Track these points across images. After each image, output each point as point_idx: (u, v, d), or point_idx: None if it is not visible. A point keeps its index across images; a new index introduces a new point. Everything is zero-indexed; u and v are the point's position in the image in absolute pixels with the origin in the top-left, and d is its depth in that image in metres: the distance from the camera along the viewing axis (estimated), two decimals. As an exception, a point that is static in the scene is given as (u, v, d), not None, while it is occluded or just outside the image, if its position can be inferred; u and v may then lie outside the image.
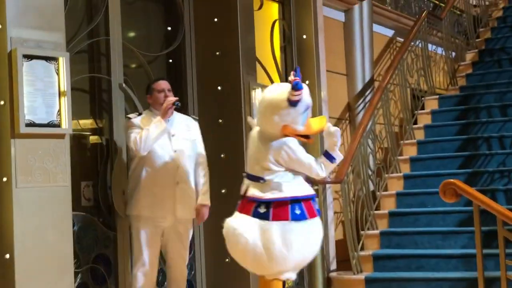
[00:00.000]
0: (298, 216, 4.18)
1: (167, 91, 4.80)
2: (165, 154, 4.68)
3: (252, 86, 5.67)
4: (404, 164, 7.32)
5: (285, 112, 4.08)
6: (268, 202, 4.18)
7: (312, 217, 4.24)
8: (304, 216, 4.20)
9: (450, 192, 4.65)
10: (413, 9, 9.13)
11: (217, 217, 5.56)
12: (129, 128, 4.66)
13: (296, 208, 4.19)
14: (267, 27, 6.44)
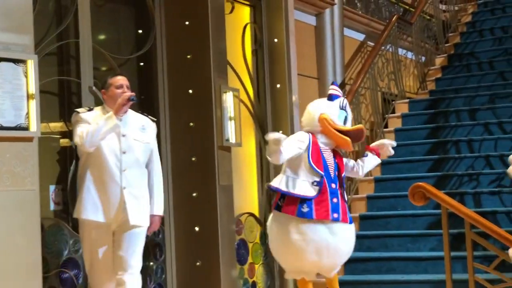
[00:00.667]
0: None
1: (126, 88, 4.39)
2: (111, 155, 4.25)
3: (223, 89, 5.67)
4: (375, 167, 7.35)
5: (323, 104, 4.54)
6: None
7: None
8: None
9: (419, 195, 4.70)
10: (384, 13, 9.20)
11: (188, 220, 5.58)
12: (77, 123, 4.27)
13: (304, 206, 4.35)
14: (239, 31, 6.45)
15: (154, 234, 5.47)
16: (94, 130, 4.16)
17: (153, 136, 4.57)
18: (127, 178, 4.29)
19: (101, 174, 4.26)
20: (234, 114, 5.74)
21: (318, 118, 4.50)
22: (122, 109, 4.25)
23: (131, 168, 4.32)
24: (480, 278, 4.60)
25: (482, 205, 6.39)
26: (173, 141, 5.68)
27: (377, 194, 6.99)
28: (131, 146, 4.34)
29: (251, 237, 6.30)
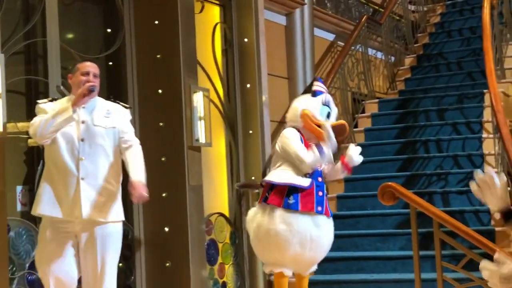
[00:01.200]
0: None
1: (92, 77, 4.04)
2: (68, 144, 3.91)
3: (193, 89, 5.65)
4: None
5: (306, 100, 4.72)
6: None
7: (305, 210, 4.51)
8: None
9: (389, 195, 4.72)
10: (354, 13, 9.24)
11: (157, 221, 5.55)
12: (37, 114, 3.95)
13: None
14: (208, 30, 6.43)
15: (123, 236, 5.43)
16: (46, 121, 3.82)
17: (123, 121, 4.20)
18: (85, 167, 3.92)
19: (57, 165, 3.92)
20: (204, 114, 5.72)
21: (300, 113, 4.65)
22: (81, 100, 3.92)
23: (91, 157, 3.95)
24: (448, 277, 4.64)
25: (450, 204, 6.45)
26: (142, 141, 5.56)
27: (347, 194, 7.02)
28: (92, 132, 3.97)
29: (221, 237, 6.28)
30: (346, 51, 7.81)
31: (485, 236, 4.63)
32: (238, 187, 6.33)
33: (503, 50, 8.26)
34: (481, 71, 8.01)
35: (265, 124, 6.66)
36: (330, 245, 4.69)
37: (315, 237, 4.51)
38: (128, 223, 5.49)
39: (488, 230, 5.93)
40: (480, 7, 8.16)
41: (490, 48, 7.18)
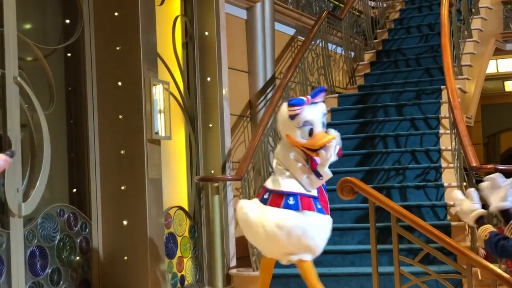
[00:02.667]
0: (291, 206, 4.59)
1: None
2: None
3: (153, 82, 5.61)
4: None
5: (285, 123, 4.64)
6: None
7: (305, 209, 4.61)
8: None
9: (347, 190, 4.76)
10: (314, 8, 9.27)
11: (116, 214, 5.51)
12: None
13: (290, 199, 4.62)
14: (169, 23, 6.39)
15: (81, 229, 5.39)
16: None
17: None
18: None
19: None
20: (164, 107, 5.69)
21: (285, 136, 4.71)
22: None
23: None
24: (405, 271, 4.69)
25: (408, 199, 6.52)
26: (101, 134, 5.59)
27: (306, 188, 7.04)
28: None
29: (180, 230, 6.26)
30: (306, 46, 7.84)
31: (441, 230, 4.69)
32: (197, 180, 6.31)
33: (461, 47, 8.37)
34: (439, 68, 8.11)
35: (225, 117, 6.65)
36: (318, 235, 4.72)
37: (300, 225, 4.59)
38: (86, 216, 5.45)
39: (444, 224, 6.02)
40: (439, 4, 8.27)
41: (448, 45, 7.28)
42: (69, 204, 5.37)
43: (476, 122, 12.10)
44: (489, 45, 9.90)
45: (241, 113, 7.38)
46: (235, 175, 6.31)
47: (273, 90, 7.56)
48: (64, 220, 5.24)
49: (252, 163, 6.44)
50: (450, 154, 6.76)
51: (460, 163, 6.12)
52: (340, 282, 5.75)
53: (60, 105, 5.47)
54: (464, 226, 6.01)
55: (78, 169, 5.55)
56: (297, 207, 4.58)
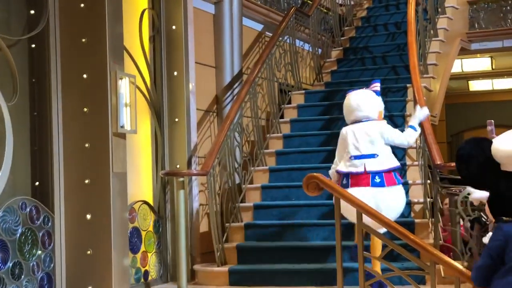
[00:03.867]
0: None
1: None
2: None
3: (119, 75, 5.55)
4: (270, 157, 7.43)
5: (375, 102, 5.70)
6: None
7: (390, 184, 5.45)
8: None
9: (313, 186, 4.75)
10: (282, 4, 9.26)
11: (79, 208, 5.44)
12: None
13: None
14: (136, 16, 6.33)
15: (43, 222, 5.32)
16: None
17: None
18: None
19: None
20: (129, 101, 5.63)
21: (379, 112, 5.73)
22: None
23: None
24: (369, 267, 4.71)
25: (373, 196, 6.54)
26: (65, 127, 5.52)
27: (272, 184, 7.05)
28: None
29: (144, 225, 6.22)
30: (274, 42, 7.83)
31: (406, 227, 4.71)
32: (163, 175, 6.28)
33: (427, 46, 8.44)
34: (405, 66, 8.17)
35: (192, 112, 6.62)
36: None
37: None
38: (48, 209, 5.38)
39: (408, 221, 6.06)
40: (405, 3, 8.32)
41: (414, 44, 7.33)
42: (32, 197, 5.30)
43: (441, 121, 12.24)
44: (455, 44, 10.01)
45: (208, 108, 7.35)
46: (201, 170, 6.29)
47: (240, 85, 7.55)
48: (26, 214, 5.16)
49: (218, 158, 6.42)
50: (415, 152, 6.80)
51: (425, 161, 6.17)
52: (305, 278, 5.76)
53: (24, 97, 5.39)
54: (428, 224, 6.06)
55: (41, 162, 5.47)
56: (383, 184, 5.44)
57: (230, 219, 6.57)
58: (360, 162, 5.44)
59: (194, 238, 6.53)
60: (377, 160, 5.45)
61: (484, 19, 10.61)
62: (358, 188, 5.33)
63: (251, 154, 7.30)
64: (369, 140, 5.51)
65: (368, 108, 5.62)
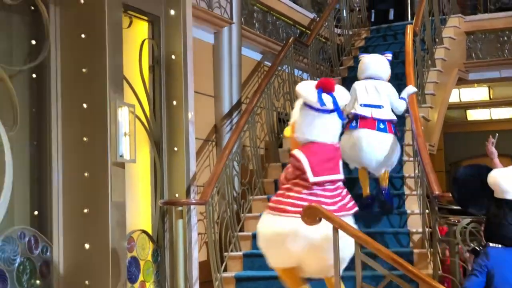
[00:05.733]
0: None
1: None
2: None
3: (119, 104, 5.58)
4: (269, 186, 7.43)
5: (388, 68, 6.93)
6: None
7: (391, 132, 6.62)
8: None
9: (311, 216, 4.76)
10: (281, 34, 9.35)
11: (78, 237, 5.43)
12: None
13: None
14: (136, 46, 6.38)
15: (42, 252, 5.31)
16: None
17: None
18: None
19: None
20: (129, 130, 5.66)
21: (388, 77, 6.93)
22: None
23: None
24: (367, 298, 4.70)
25: (371, 225, 6.55)
26: (65, 156, 5.54)
27: (270, 213, 7.03)
28: None
29: (143, 254, 6.21)
30: (272, 71, 7.89)
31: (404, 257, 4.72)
32: (161, 204, 6.28)
33: (424, 76, 8.51)
34: (403, 96, 8.19)
35: (190, 141, 6.63)
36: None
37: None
38: (47, 239, 5.37)
39: (407, 252, 6.06)
40: (403, 33, 8.39)
41: (412, 74, 7.39)
42: (30, 226, 5.30)
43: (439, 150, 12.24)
44: (452, 74, 10.07)
45: (207, 137, 7.38)
46: (200, 199, 6.30)
47: (238, 115, 7.59)
48: (24, 243, 5.16)
49: (216, 187, 6.43)
50: (413, 182, 6.82)
51: (423, 191, 6.18)
52: (303, 308, 5.73)
53: (24, 127, 5.41)
54: (427, 254, 6.06)
55: (41, 191, 5.48)
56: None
57: (228, 248, 6.56)
58: (368, 110, 6.44)
59: (192, 267, 6.51)
60: (382, 110, 6.48)
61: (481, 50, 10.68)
62: (365, 129, 6.37)
63: (249, 183, 7.31)
64: (378, 94, 6.55)
65: (380, 69, 6.71)
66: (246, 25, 8.38)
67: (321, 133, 4.66)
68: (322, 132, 4.67)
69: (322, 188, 4.68)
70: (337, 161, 4.78)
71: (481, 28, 10.67)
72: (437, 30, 9.47)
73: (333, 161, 4.72)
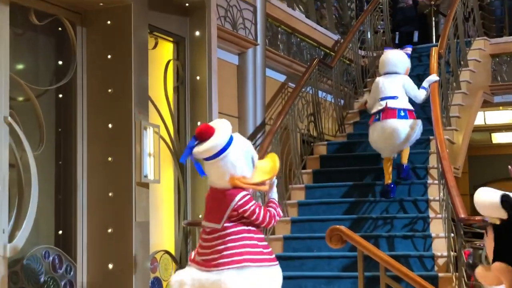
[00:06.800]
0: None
1: None
2: None
3: (144, 125, 5.61)
4: (292, 208, 7.41)
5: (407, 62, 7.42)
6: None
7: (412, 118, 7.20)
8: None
9: (336, 238, 4.74)
10: (305, 56, 9.36)
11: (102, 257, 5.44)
12: None
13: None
14: (161, 67, 6.42)
15: (66, 271, 5.33)
16: None
17: None
18: None
19: None
20: (153, 151, 5.68)
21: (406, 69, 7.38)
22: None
23: None
24: (392, 322, 4.66)
25: (395, 248, 6.50)
26: (90, 176, 5.57)
27: (294, 235, 7.02)
28: None
29: (166, 275, 6.20)
30: (297, 93, 7.89)
31: (429, 281, 4.68)
32: (185, 225, 6.28)
33: (449, 98, 8.45)
34: (427, 118, 8.15)
35: (214, 162, 6.63)
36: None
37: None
38: (71, 258, 5.39)
39: (432, 275, 5.99)
40: (428, 56, 8.36)
41: (436, 96, 7.34)
42: (55, 246, 5.32)
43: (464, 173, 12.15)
44: (477, 97, 10.00)
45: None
46: (223, 220, 6.27)
47: (262, 136, 7.58)
48: (49, 262, 5.18)
49: (240, 208, 6.40)
50: (438, 205, 6.76)
51: (448, 214, 6.12)
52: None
53: (50, 146, 5.46)
54: (452, 278, 5.99)
55: (65, 211, 5.51)
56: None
57: (251, 270, 6.52)
58: (384, 102, 7.01)
59: (215, 288, 6.48)
60: (397, 100, 7.03)
61: (506, 72, 10.61)
62: (387, 120, 6.95)
63: (273, 204, 7.28)
64: (393, 86, 7.10)
65: (397, 64, 7.21)
66: (271, 46, 8.40)
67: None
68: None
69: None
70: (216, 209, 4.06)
71: (507, 51, 10.61)
72: (462, 52, 9.43)
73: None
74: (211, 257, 3.90)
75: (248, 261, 3.86)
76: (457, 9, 9.18)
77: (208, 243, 3.97)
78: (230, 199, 3.93)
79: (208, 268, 3.88)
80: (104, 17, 5.65)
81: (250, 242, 3.93)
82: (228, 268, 3.82)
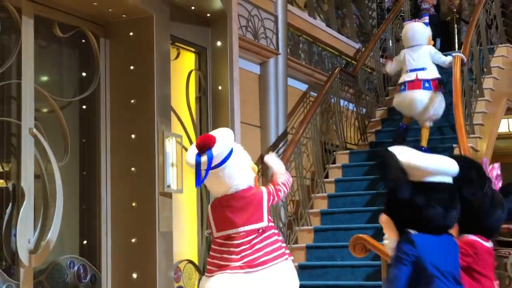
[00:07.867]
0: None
1: None
2: None
3: (166, 135, 5.65)
4: (315, 217, 7.39)
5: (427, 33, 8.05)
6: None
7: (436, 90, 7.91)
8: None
9: (360, 247, 4.73)
10: (327, 65, 9.35)
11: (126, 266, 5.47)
12: None
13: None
14: (183, 77, 6.46)
15: (90, 281, 5.36)
16: None
17: None
18: None
19: None
20: (176, 161, 5.71)
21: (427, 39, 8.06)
22: None
23: None
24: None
25: (419, 257, 6.45)
26: (113, 186, 5.61)
27: (317, 244, 7.00)
28: None
29: (189, 284, 6.22)
30: (319, 102, 7.89)
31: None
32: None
33: (473, 105, 8.40)
34: (450, 126, 8.12)
35: (237, 172, 6.64)
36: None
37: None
38: (96, 268, 5.43)
39: (457, 284, 5.94)
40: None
41: (460, 104, 7.30)
42: (79, 255, 5.36)
43: (487, 181, 12.02)
44: (501, 104, 9.91)
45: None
46: (246, 229, 6.27)
47: (285, 145, 7.59)
48: (74, 272, 5.22)
49: (263, 218, 6.40)
50: (462, 213, 6.70)
51: (473, 222, 6.07)
52: None
53: (74, 157, 5.51)
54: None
55: (89, 221, 5.56)
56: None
57: (274, 279, 6.52)
58: (414, 73, 7.66)
59: (238, 298, 6.48)
60: (426, 71, 7.68)
61: (530, 79, 10.54)
62: (412, 91, 7.61)
63: (295, 213, 7.29)
64: (421, 57, 7.73)
65: (419, 36, 7.85)
66: (292, 55, 8.41)
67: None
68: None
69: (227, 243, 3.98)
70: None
71: (530, 58, 10.53)
72: (485, 59, 9.37)
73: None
74: (254, 257, 3.85)
75: (285, 254, 3.95)
76: (479, 16, 9.13)
77: (243, 246, 3.88)
78: (259, 197, 3.97)
79: (253, 269, 3.83)
80: (127, 29, 5.71)
81: (279, 237, 4.01)
82: (275, 263, 3.86)
